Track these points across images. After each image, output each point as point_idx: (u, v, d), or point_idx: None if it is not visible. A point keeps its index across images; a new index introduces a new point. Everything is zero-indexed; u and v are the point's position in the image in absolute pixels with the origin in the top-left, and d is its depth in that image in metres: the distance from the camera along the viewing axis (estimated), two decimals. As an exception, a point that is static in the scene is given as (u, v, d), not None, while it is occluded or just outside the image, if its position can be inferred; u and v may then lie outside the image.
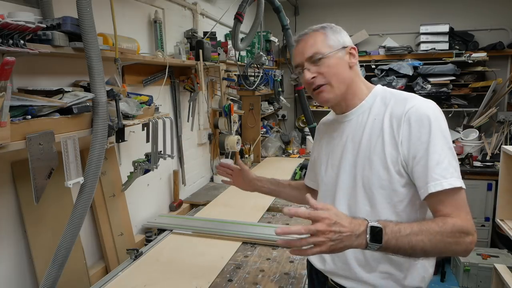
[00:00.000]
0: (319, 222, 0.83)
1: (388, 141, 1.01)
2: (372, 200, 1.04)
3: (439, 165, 0.94)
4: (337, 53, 1.06)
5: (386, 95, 1.08)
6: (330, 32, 1.08)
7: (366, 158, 1.04)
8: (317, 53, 1.05)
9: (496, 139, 3.84)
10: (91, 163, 1.38)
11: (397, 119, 1.00)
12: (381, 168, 1.01)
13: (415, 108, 0.99)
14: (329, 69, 1.05)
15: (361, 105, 1.10)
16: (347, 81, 1.07)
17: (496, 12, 4.07)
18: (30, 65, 1.46)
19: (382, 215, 1.03)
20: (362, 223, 0.87)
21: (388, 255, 1.03)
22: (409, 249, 0.88)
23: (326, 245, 0.83)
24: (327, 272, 1.17)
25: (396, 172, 1.00)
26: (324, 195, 1.19)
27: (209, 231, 2.02)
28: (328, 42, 1.06)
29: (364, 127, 1.07)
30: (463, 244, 0.91)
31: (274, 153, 4.09)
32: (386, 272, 1.06)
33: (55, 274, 1.34)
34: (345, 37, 1.09)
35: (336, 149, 1.14)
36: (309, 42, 1.07)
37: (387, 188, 1.02)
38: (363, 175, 1.05)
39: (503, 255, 3.31)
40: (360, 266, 1.08)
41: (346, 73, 1.07)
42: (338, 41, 1.07)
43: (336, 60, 1.06)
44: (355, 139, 1.09)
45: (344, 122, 1.13)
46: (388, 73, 4.12)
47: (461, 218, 0.92)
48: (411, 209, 1.04)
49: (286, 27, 3.07)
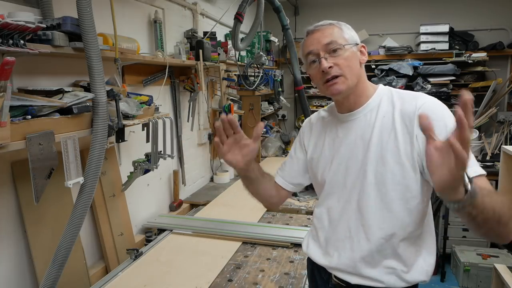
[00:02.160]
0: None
1: (401, 137, 1.02)
2: (385, 197, 1.05)
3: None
4: (352, 47, 1.08)
5: (392, 94, 1.09)
6: (345, 27, 1.10)
7: (378, 156, 1.05)
8: (335, 42, 1.05)
9: (496, 139, 3.84)
10: (91, 163, 1.38)
11: (409, 116, 1.02)
12: (395, 164, 1.02)
13: (426, 104, 1.01)
14: (345, 61, 1.05)
15: (368, 103, 1.11)
16: (358, 75, 1.09)
17: (496, 12, 4.07)
18: (30, 65, 1.46)
19: (394, 211, 1.04)
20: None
21: (394, 250, 1.05)
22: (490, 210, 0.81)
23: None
24: (331, 268, 1.17)
25: (411, 167, 1.01)
26: (330, 192, 1.17)
27: (209, 231, 2.02)
28: (344, 35, 1.08)
29: (374, 125, 1.07)
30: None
31: (274, 153, 4.09)
32: (390, 267, 1.07)
33: (55, 274, 1.34)
34: (356, 35, 1.12)
35: (343, 148, 1.13)
36: (326, 32, 1.08)
37: (401, 183, 1.02)
38: (375, 171, 1.05)
39: (503, 255, 3.31)
40: (365, 262, 1.08)
41: (358, 68, 1.09)
42: (352, 36, 1.09)
43: (351, 54, 1.07)
44: (364, 137, 1.09)
45: (351, 121, 1.13)
46: (388, 73, 4.12)
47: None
48: (424, 205, 1.05)
49: (286, 27, 3.07)
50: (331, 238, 1.16)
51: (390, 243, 1.06)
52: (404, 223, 1.05)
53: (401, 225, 1.05)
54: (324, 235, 1.19)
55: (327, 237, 1.18)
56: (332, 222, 1.16)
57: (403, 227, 1.05)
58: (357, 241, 1.09)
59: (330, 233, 1.17)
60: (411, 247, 1.07)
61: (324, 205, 1.19)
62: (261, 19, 2.81)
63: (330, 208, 1.17)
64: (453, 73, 3.95)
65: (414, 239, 1.07)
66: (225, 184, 3.06)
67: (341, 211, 1.13)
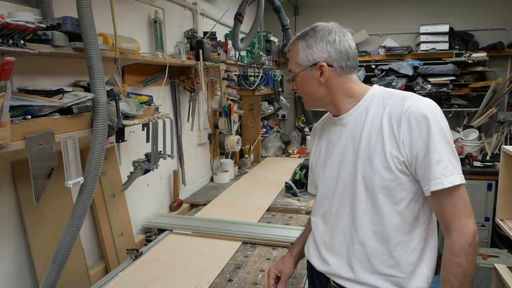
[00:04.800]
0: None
1: (388, 140, 1.00)
2: (375, 200, 1.03)
3: (440, 163, 0.96)
4: (305, 73, 1.09)
5: (384, 95, 1.07)
6: (302, 47, 1.08)
7: (367, 158, 1.04)
8: (291, 71, 1.14)
9: (496, 139, 3.84)
10: (91, 163, 1.38)
11: (396, 118, 1.00)
12: (382, 167, 1.01)
13: (414, 107, 0.99)
14: (299, 87, 1.13)
15: (358, 105, 1.09)
16: (318, 96, 1.11)
17: (496, 12, 4.07)
18: (30, 65, 1.46)
19: (385, 214, 1.03)
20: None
21: (391, 255, 1.04)
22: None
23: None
24: (329, 273, 1.16)
25: (399, 171, 1.00)
26: (323, 197, 1.18)
27: (209, 231, 2.02)
28: (298, 59, 1.10)
29: (363, 127, 1.06)
30: (468, 253, 0.97)
31: (274, 153, 4.09)
32: (389, 274, 1.05)
33: (55, 274, 1.34)
34: (316, 52, 1.06)
35: (335, 151, 1.13)
36: (290, 55, 1.15)
37: (389, 187, 1.02)
38: (364, 174, 1.04)
39: (503, 255, 3.31)
40: (363, 268, 1.07)
41: (314, 90, 1.10)
42: (307, 59, 1.07)
43: (304, 80, 1.11)
44: (354, 139, 1.08)
45: (343, 124, 1.12)
46: (388, 73, 4.12)
47: (458, 219, 0.98)
48: (414, 206, 1.04)
49: (286, 27, 3.07)
50: (327, 243, 1.16)
51: (386, 248, 1.04)
52: (396, 226, 1.03)
53: (394, 229, 1.03)
54: (321, 240, 1.18)
55: (324, 242, 1.17)
56: (327, 227, 1.16)
57: (397, 231, 1.03)
58: (352, 246, 1.08)
59: (327, 238, 1.16)
60: (410, 252, 1.05)
61: (321, 210, 1.19)
62: (261, 19, 2.81)
63: (325, 212, 1.17)
64: (453, 73, 3.95)
65: (413, 243, 1.05)
66: (225, 184, 3.06)
67: (335, 215, 1.13)
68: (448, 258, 0.99)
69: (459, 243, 0.97)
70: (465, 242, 0.97)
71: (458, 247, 0.97)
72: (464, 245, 0.97)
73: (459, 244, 0.97)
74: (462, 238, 0.97)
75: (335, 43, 1.06)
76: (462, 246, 0.97)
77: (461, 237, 0.97)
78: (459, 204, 0.98)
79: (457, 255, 0.97)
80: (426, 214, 1.06)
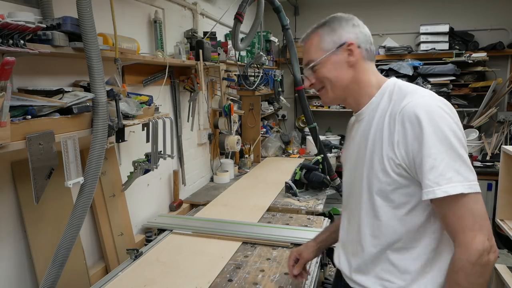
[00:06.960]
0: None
1: (386, 140, 0.94)
2: (373, 203, 0.99)
3: (433, 170, 0.86)
4: (331, 57, 1.03)
5: (393, 90, 1.00)
6: (326, 32, 1.06)
7: (369, 158, 0.99)
8: (311, 61, 1.06)
9: (496, 139, 3.84)
10: (91, 163, 1.38)
11: (393, 117, 0.94)
12: (379, 169, 0.96)
13: (409, 106, 0.91)
14: (323, 75, 1.05)
15: (370, 102, 1.04)
16: (345, 82, 1.04)
17: (496, 12, 4.08)
18: (30, 65, 1.46)
19: (383, 219, 0.98)
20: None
21: (392, 263, 1.00)
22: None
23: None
24: (338, 268, 1.18)
25: (396, 174, 0.94)
26: (345, 195, 1.16)
27: (209, 231, 2.02)
28: (322, 45, 1.05)
29: (372, 125, 1.00)
30: (482, 268, 0.86)
31: (274, 153, 4.09)
32: (386, 279, 1.01)
33: (55, 274, 1.34)
34: (343, 33, 1.04)
35: (351, 149, 1.10)
36: (305, 47, 1.09)
37: (385, 190, 0.96)
38: (367, 175, 1.00)
39: (503, 255, 3.30)
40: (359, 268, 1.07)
41: (343, 74, 1.04)
42: (333, 41, 1.04)
43: (330, 65, 1.04)
44: (365, 137, 1.02)
45: (360, 121, 1.08)
46: (388, 73, 4.12)
47: (462, 233, 0.87)
48: (420, 213, 0.96)
49: (286, 27, 3.07)
50: (344, 241, 1.17)
51: (382, 252, 1.00)
52: (396, 232, 0.97)
53: (394, 235, 0.98)
54: (341, 237, 1.19)
55: (342, 239, 1.18)
56: (347, 224, 1.15)
57: (397, 237, 0.97)
58: (357, 245, 1.07)
59: (344, 235, 1.17)
60: (411, 260, 0.98)
61: (344, 207, 1.20)
62: (261, 19, 2.81)
63: (346, 210, 1.17)
64: (453, 73, 3.95)
65: (417, 252, 0.97)
66: (225, 184, 3.06)
67: (353, 214, 1.10)
68: (448, 274, 0.92)
69: (459, 260, 0.87)
70: (467, 260, 0.86)
71: (458, 263, 0.87)
72: (464, 263, 0.86)
73: (459, 261, 0.87)
74: (463, 255, 0.86)
75: (360, 26, 1.07)
76: (462, 264, 0.86)
77: (463, 254, 0.86)
78: (464, 216, 0.86)
79: (456, 273, 0.88)
80: (438, 223, 0.96)
